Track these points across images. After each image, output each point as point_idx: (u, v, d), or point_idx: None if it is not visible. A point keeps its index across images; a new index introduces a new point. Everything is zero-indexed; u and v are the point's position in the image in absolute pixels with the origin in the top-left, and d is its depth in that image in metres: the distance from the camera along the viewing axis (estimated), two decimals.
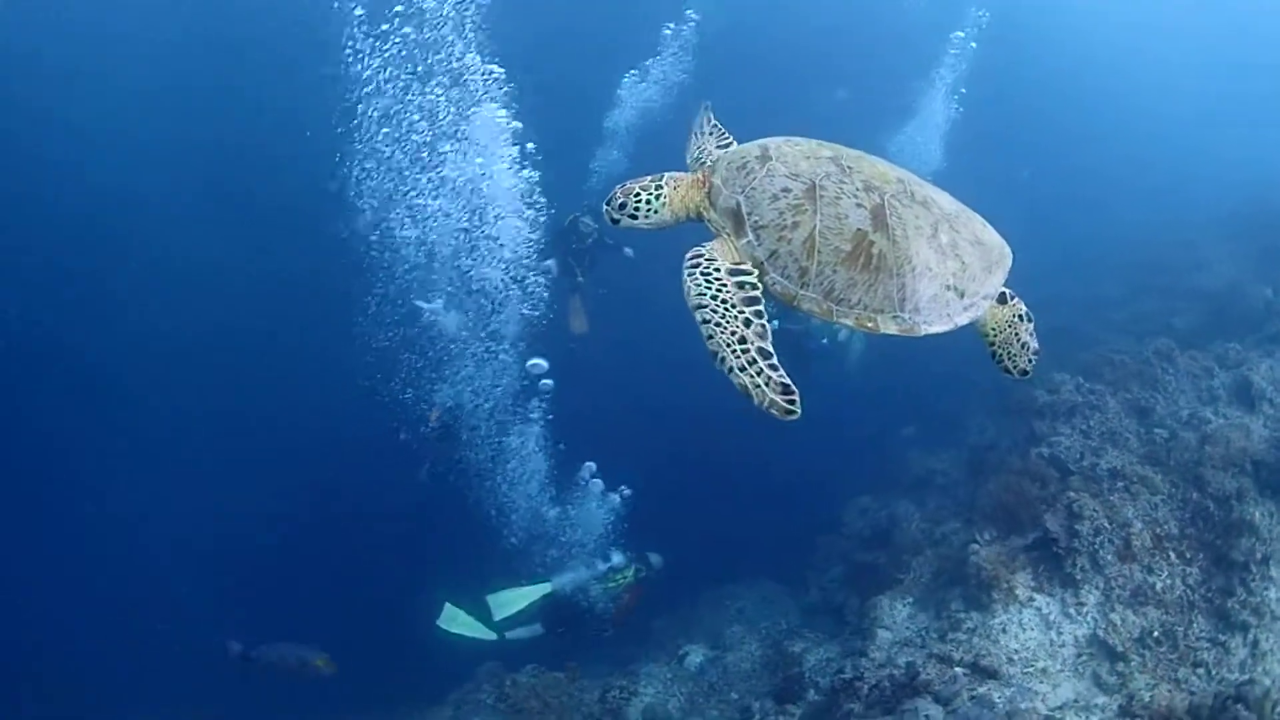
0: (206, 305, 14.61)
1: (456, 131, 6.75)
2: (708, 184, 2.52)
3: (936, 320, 2.38)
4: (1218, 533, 4.69)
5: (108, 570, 10.36)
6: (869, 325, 2.34)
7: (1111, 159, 21.35)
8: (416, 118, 6.81)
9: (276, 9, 13.70)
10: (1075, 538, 4.94)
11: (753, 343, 2.22)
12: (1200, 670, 4.07)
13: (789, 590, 9.16)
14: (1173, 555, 4.70)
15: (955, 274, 2.39)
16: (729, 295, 2.29)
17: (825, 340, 10.09)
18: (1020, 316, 2.63)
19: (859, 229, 2.31)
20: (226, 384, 13.27)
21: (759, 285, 2.33)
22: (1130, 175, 20.29)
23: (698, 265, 2.36)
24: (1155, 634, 4.39)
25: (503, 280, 7.37)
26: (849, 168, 2.42)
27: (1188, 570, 4.62)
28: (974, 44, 14.03)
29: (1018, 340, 2.63)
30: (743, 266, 2.36)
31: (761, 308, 2.28)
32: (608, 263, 9.44)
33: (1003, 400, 9.64)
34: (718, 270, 2.34)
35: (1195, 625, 4.34)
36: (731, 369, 2.18)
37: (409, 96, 6.87)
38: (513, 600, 6.68)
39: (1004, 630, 4.81)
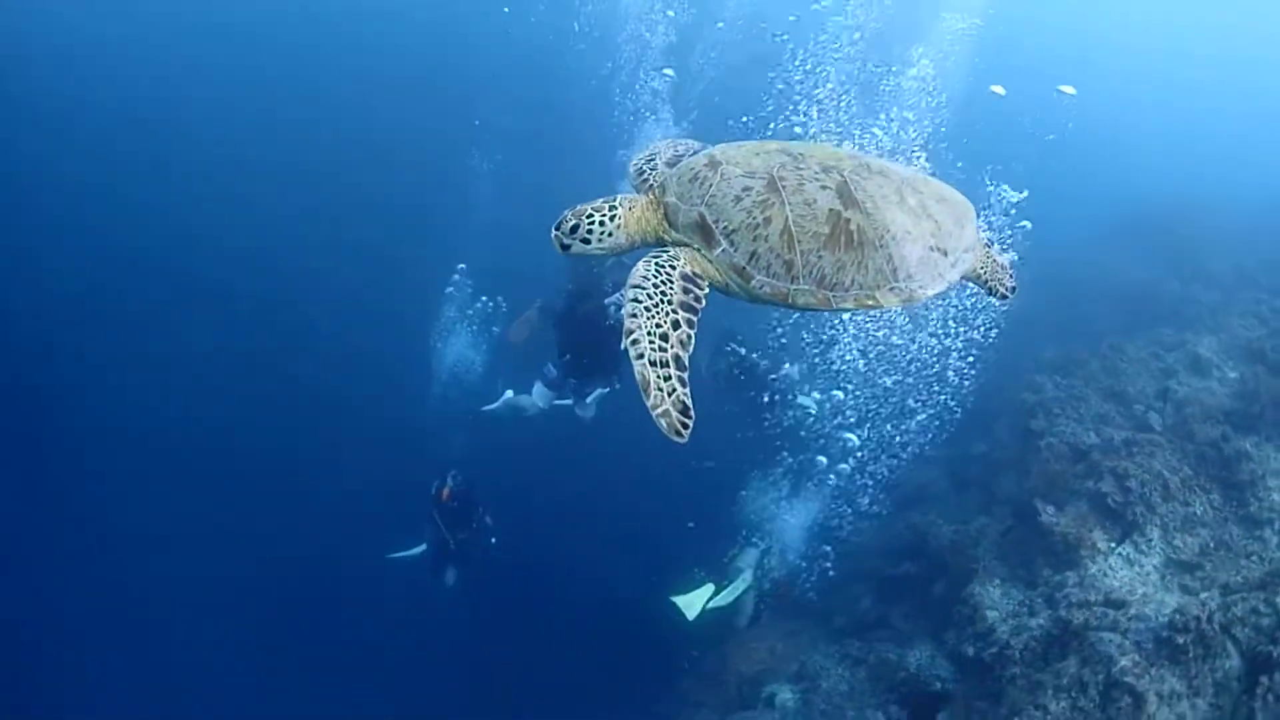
0: None
1: None
2: (661, 205, 2.58)
3: (930, 282, 2.52)
4: (1220, 466, 7.00)
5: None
6: (869, 304, 2.43)
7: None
8: None
9: None
10: (1128, 492, 7.06)
11: (672, 347, 2.26)
12: (1254, 557, 6.21)
13: (811, 621, 10.72)
14: (1197, 489, 6.96)
15: (933, 233, 2.52)
16: (671, 292, 2.36)
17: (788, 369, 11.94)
18: (985, 245, 2.92)
19: (831, 209, 2.38)
20: None
21: (702, 300, 2.39)
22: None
23: (657, 256, 2.46)
24: (1211, 545, 6.54)
25: None
26: (800, 154, 2.52)
27: (1211, 497, 6.88)
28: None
29: (998, 267, 2.95)
30: (697, 278, 2.42)
31: (692, 328, 2.32)
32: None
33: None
34: (673, 268, 2.41)
35: (1234, 531, 6.56)
36: (641, 355, 2.23)
37: None
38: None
39: (1104, 575, 6.73)
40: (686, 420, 2.19)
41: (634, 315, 2.28)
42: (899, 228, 2.44)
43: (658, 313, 2.30)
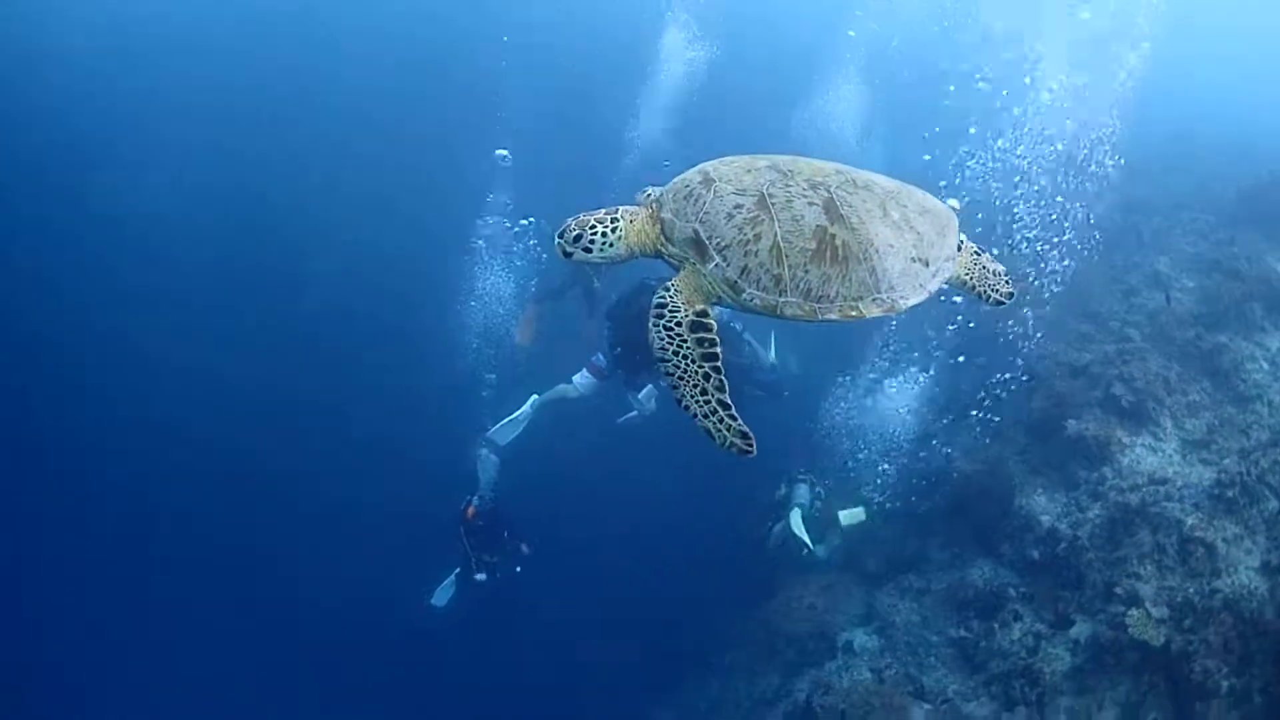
0: None
1: None
2: (658, 220, 2.82)
3: (912, 292, 2.75)
4: (1204, 360, 8.72)
5: None
6: (853, 314, 2.66)
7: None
8: None
9: None
10: (1137, 392, 8.65)
11: (713, 394, 2.66)
12: (1255, 428, 7.88)
13: (838, 573, 11.73)
14: (1190, 381, 8.64)
15: (915, 245, 2.75)
16: (689, 350, 2.69)
17: (773, 361, 13.05)
18: (975, 253, 3.12)
19: (818, 225, 2.61)
20: None
21: (717, 341, 2.70)
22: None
23: (661, 318, 2.73)
24: (1216, 423, 8.19)
25: None
26: (789, 171, 2.74)
27: (1203, 386, 8.58)
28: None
29: (989, 273, 3.16)
30: (704, 321, 2.71)
31: (719, 363, 2.68)
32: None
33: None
34: (679, 325, 2.71)
35: (1229, 410, 8.24)
36: (695, 415, 2.66)
37: None
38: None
39: (1137, 463, 8.26)
40: (748, 444, 2.64)
41: (675, 387, 2.71)
42: (882, 241, 2.69)
43: (689, 375, 2.68)
